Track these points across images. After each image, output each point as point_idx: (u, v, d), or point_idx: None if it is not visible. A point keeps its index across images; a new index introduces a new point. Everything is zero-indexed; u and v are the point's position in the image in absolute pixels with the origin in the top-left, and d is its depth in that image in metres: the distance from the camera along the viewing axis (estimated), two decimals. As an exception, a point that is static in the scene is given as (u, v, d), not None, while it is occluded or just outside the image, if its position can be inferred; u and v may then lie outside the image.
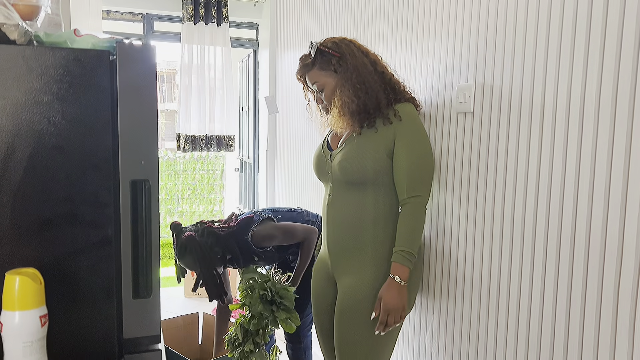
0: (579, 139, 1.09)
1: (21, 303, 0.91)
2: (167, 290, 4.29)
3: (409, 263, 1.45)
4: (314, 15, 2.73)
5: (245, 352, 1.87)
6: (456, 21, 1.50)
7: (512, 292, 1.30)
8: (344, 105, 1.49)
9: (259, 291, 1.84)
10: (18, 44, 0.99)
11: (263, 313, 1.83)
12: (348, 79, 1.49)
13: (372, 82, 1.49)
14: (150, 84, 1.02)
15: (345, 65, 1.50)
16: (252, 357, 1.88)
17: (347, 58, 1.50)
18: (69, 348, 1.05)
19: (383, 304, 1.45)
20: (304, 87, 1.66)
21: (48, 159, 1.00)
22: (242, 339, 1.88)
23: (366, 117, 1.50)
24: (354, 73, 1.48)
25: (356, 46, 1.54)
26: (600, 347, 1.06)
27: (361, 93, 1.48)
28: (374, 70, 1.51)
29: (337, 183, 1.58)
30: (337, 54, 1.51)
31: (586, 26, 1.07)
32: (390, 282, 1.46)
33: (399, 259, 1.45)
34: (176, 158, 6.66)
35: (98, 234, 1.04)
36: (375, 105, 1.49)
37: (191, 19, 3.69)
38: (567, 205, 1.13)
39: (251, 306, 1.84)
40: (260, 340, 1.88)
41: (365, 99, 1.48)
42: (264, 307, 1.83)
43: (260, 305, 1.83)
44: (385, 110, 1.49)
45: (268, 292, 1.84)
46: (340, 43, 1.53)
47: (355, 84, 1.48)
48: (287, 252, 2.11)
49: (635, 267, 0.98)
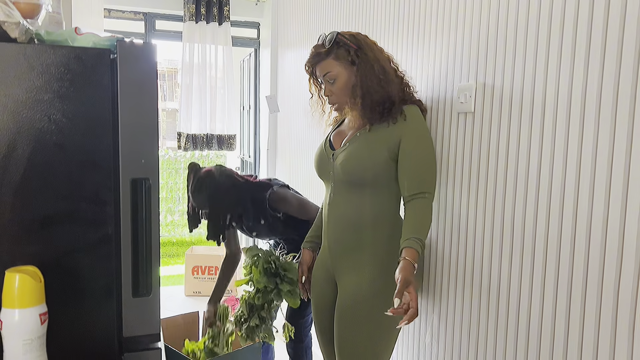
0: (580, 138, 1.09)
1: (21, 301, 0.91)
2: (167, 289, 4.29)
3: (418, 247, 1.37)
4: (315, 15, 2.73)
5: (251, 327, 1.87)
6: (457, 21, 1.49)
7: (512, 291, 1.30)
8: (367, 96, 1.46)
9: (262, 264, 1.84)
10: (19, 42, 0.99)
11: (267, 286, 1.82)
12: (370, 70, 1.47)
13: (393, 75, 1.50)
14: (150, 83, 1.02)
15: (364, 57, 1.48)
16: (258, 331, 1.87)
17: (365, 50, 1.49)
18: (68, 346, 1.05)
19: (402, 279, 1.32)
20: (309, 79, 1.64)
21: (49, 156, 1.00)
22: (248, 315, 1.87)
23: (384, 110, 1.48)
24: (376, 64, 1.48)
25: (372, 41, 1.55)
26: (600, 345, 1.06)
27: (384, 84, 1.47)
28: (390, 68, 1.52)
29: (338, 182, 1.57)
30: (355, 46, 1.50)
31: (587, 26, 1.07)
32: (405, 262, 1.34)
33: (410, 244, 1.37)
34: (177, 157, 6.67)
35: (98, 232, 1.04)
36: (394, 99, 1.49)
37: (192, 17, 3.70)
38: (568, 205, 1.13)
39: (255, 280, 1.84)
40: (265, 315, 1.87)
41: (388, 90, 1.47)
42: (268, 280, 1.83)
43: (265, 277, 1.82)
44: (397, 107, 1.49)
45: (272, 264, 1.84)
46: (357, 36, 1.53)
47: (379, 74, 1.47)
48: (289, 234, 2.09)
49: (635, 266, 0.98)
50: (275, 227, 2.06)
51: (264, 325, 1.89)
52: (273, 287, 1.84)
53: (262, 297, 1.86)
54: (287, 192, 2.09)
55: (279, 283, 1.84)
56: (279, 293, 1.85)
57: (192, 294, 4.13)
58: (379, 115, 1.49)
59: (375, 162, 1.49)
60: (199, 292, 4.12)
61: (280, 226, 2.07)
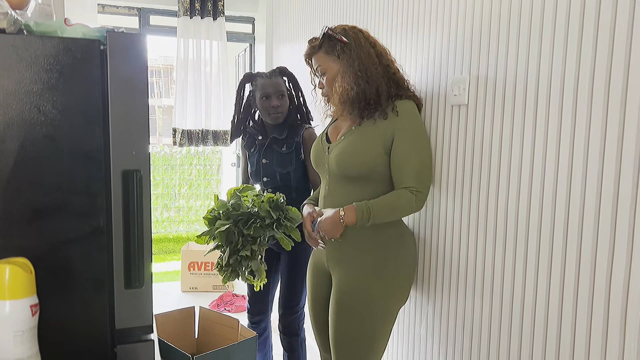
0: (572, 130, 1.09)
1: (12, 292, 0.91)
2: (163, 285, 4.29)
3: (361, 218, 1.46)
4: (309, 9, 2.72)
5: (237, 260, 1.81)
6: (450, 13, 1.49)
7: (506, 283, 1.31)
8: (344, 92, 1.49)
9: (267, 198, 1.83)
10: (7, 32, 0.98)
11: (270, 216, 1.78)
12: (350, 66, 1.49)
13: (374, 73, 1.49)
14: (141, 74, 1.02)
15: (349, 52, 1.50)
16: (248, 262, 1.81)
17: (352, 45, 1.50)
18: (60, 338, 1.05)
19: (319, 224, 1.53)
20: (311, 71, 1.67)
21: (39, 148, 0.99)
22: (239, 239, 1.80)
23: (365, 106, 1.50)
24: (357, 61, 1.48)
25: (364, 36, 1.54)
26: (592, 335, 1.06)
27: (361, 81, 1.48)
28: (378, 62, 1.51)
29: (333, 176, 1.58)
30: (344, 41, 1.50)
31: (579, 18, 1.07)
32: (336, 213, 1.49)
33: (359, 207, 1.47)
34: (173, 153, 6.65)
35: (89, 224, 1.04)
36: (375, 97, 1.49)
37: (187, 12, 3.68)
38: (560, 197, 1.13)
39: (259, 206, 1.80)
40: (257, 249, 1.82)
41: (364, 88, 1.48)
42: (273, 210, 1.80)
43: (269, 209, 1.79)
44: (385, 104, 1.49)
45: (282, 199, 1.85)
46: (349, 30, 1.53)
47: (357, 71, 1.48)
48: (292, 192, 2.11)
49: (626, 259, 0.99)
50: (289, 163, 2.08)
51: (255, 260, 1.81)
52: (274, 220, 1.79)
53: (259, 228, 1.78)
54: None
55: (281, 216, 1.82)
56: (280, 225, 1.81)
57: (188, 289, 4.13)
58: (358, 111, 1.50)
59: (369, 157, 1.49)
60: (195, 288, 4.12)
61: (292, 173, 2.08)
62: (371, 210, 1.45)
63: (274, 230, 1.80)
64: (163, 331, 2.37)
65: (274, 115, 2.06)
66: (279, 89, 2.07)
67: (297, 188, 2.10)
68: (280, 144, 2.09)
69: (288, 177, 2.09)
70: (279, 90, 2.07)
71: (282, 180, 2.10)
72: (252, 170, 2.20)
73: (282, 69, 2.15)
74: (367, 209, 1.45)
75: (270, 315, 2.36)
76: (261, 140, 2.15)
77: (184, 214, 6.68)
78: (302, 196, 2.07)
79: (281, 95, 2.07)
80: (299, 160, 2.08)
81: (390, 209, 1.48)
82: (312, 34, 2.58)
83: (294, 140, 2.08)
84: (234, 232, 1.80)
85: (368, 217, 1.45)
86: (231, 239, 1.81)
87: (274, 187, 2.13)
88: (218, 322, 2.41)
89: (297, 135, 2.09)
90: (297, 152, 2.08)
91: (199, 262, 4.10)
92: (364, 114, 1.51)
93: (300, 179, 2.10)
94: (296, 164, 2.08)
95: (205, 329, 2.52)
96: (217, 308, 3.71)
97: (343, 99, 1.50)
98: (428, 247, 1.65)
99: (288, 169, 2.08)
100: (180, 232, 6.65)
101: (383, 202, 1.47)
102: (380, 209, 1.46)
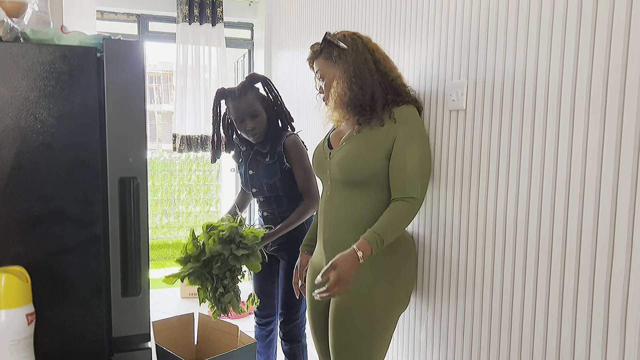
0: (570, 134, 1.09)
1: (7, 301, 0.90)
2: (163, 292, 4.27)
3: (375, 246, 1.42)
4: (308, 15, 2.72)
5: (217, 297, 1.87)
6: (448, 18, 1.49)
7: (506, 288, 1.30)
8: (338, 97, 1.50)
9: (217, 233, 1.83)
10: (4, 40, 0.98)
11: (222, 253, 1.81)
12: (345, 72, 1.49)
13: (369, 79, 1.49)
14: (138, 81, 1.02)
15: (345, 58, 1.50)
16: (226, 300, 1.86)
17: (348, 51, 1.50)
18: (57, 347, 1.04)
19: (337, 272, 1.39)
20: (315, 76, 1.68)
21: (35, 156, 0.99)
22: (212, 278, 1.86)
23: (360, 112, 1.49)
24: (352, 66, 1.49)
25: (363, 42, 1.54)
26: (593, 340, 1.06)
27: (355, 87, 1.48)
28: (375, 69, 1.51)
29: (335, 181, 1.58)
30: (341, 46, 1.51)
31: (576, 22, 1.07)
32: (352, 253, 1.41)
33: (370, 237, 1.42)
34: (172, 159, 6.65)
35: (86, 232, 1.04)
36: (369, 102, 1.48)
37: (186, 19, 3.69)
38: (559, 202, 1.13)
39: (208, 249, 1.82)
40: (228, 283, 1.85)
41: (358, 93, 1.48)
42: (223, 247, 1.81)
43: (219, 245, 1.81)
44: (380, 110, 1.49)
45: (224, 233, 1.83)
46: (348, 37, 1.54)
47: (352, 77, 1.48)
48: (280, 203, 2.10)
49: (626, 262, 0.98)
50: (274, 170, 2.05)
51: (229, 293, 1.87)
52: (228, 254, 1.81)
53: (221, 266, 1.83)
54: (304, 148, 2.10)
55: (233, 249, 1.82)
56: (236, 257, 1.82)
57: (187, 296, 4.12)
58: (352, 116, 1.51)
59: (370, 162, 1.49)
60: (194, 294, 4.11)
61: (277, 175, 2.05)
62: (383, 237, 1.43)
63: (235, 261, 1.83)
64: (162, 338, 2.36)
65: (253, 137, 2.05)
66: (251, 110, 2.01)
67: (287, 197, 2.09)
68: (264, 155, 2.07)
69: (275, 188, 2.07)
70: (252, 111, 2.01)
71: (270, 191, 2.08)
72: (242, 181, 2.20)
73: (252, 77, 2.07)
74: (378, 236, 1.43)
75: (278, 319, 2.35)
76: (245, 152, 2.14)
77: (183, 220, 6.67)
78: (294, 204, 2.07)
79: (254, 115, 2.01)
80: (284, 169, 2.05)
81: (396, 227, 1.47)
82: (310, 39, 2.59)
83: (276, 150, 2.05)
84: (204, 274, 1.86)
85: (382, 243, 1.43)
86: (203, 279, 1.87)
87: (264, 198, 2.12)
88: (217, 329, 2.40)
89: (279, 144, 2.05)
90: (281, 162, 2.05)
91: (198, 268, 4.08)
92: (360, 120, 1.51)
93: (289, 187, 2.07)
94: (281, 173, 2.05)
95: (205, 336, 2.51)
96: (217, 314, 3.69)
97: (337, 104, 1.51)
98: (427, 253, 1.64)
99: (274, 179, 2.06)
100: (179, 238, 6.63)
101: (387, 222, 1.46)
102: (387, 230, 1.45)
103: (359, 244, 1.42)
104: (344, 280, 1.39)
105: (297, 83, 2.54)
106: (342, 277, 1.39)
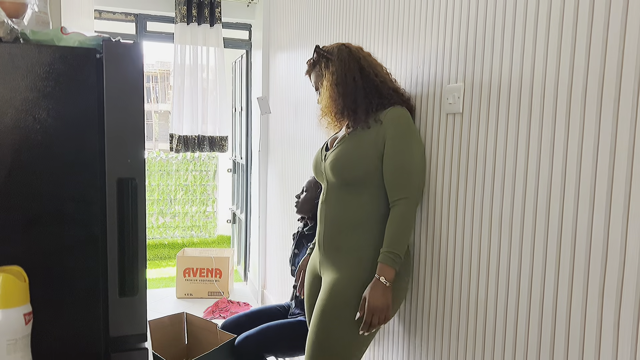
0: (566, 138, 1.10)
1: (5, 301, 0.91)
2: (158, 292, 4.27)
3: (394, 264, 1.47)
4: (306, 16, 2.73)
5: None
6: (445, 22, 1.50)
7: (500, 294, 1.31)
8: (324, 106, 1.59)
9: None
10: (4, 41, 0.98)
11: None
12: (329, 80, 1.57)
13: (351, 85, 1.55)
14: (137, 82, 1.02)
15: (330, 69, 1.58)
16: None
17: (333, 62, 1.58)
18: (55, 346, 1.04)
19: (368, 304, 1.45)
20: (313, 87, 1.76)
21: (34, 156, 1.00)
22: None
23: (346, 117, 1.57)
24: (335, 75, 1.56)
25: (350, 51, 1.60)
26: (586, 338, 1.07)
27: (336, 95, 1.56)
28: (360, 75, 1.56)
29: (330, 182, 1.62)
30: (328, 57, 1.59)
31: (572, 27, 1.08)
32: (376, 282, 1.47)
33: (386, 259, 1.46)
34: (169, 159, 6.64)
35: (84, 232, 1.04)
36: (351, 108, 1.55)
37: (184, 19, 3.69)
38: (554, 206, 1.14)
39: None
40: None
41: (341, 100, 1.55)
42: None
43: None
44: (363, 115, 1.54)
45: None
46: (335, 48, 1.61)
47: (335, 84, 1.56)
48: None
49: (619, 265, 0.99)
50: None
51: None
52: None
53: None
54: None
55: None
56: None
57: (183, 296, 4.11)
58: (338, 122, 1.61)
59: (361, 161, 1.52)
60: (190, 294, 4.10)
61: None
62: (395, 251, 1.47)
63: None
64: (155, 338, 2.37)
65: None
66: None
67: None
68: None
69: None
70: None
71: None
72: None
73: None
74: (391, 253, 1.47)
75: None
76: None
77: (179, 220, 6.66)
78: None
79: None
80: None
81: (402, 234, 1.50)
82: (308, 40, 2.60)
83: None
84: None
85: (398, 256, 1.47)
86: None
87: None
88: (203, 328, 2.42)
89: None
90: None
91: (194, 269, 4.09)
92: (348, 124, 1.59)
93: None
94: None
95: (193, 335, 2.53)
96: (213, 314, 3.69)
97: (324, 111, 1.60)
98: (422, 257, 1.65)
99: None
100: (175, 238, 6.63)
101: (392, 234, 1.49)
102: (395, 241, 1.48)
103: (379, 270, 1.48)
104: (379, 308, 1.46)
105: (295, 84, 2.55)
106: (375, 306, 1.46)
